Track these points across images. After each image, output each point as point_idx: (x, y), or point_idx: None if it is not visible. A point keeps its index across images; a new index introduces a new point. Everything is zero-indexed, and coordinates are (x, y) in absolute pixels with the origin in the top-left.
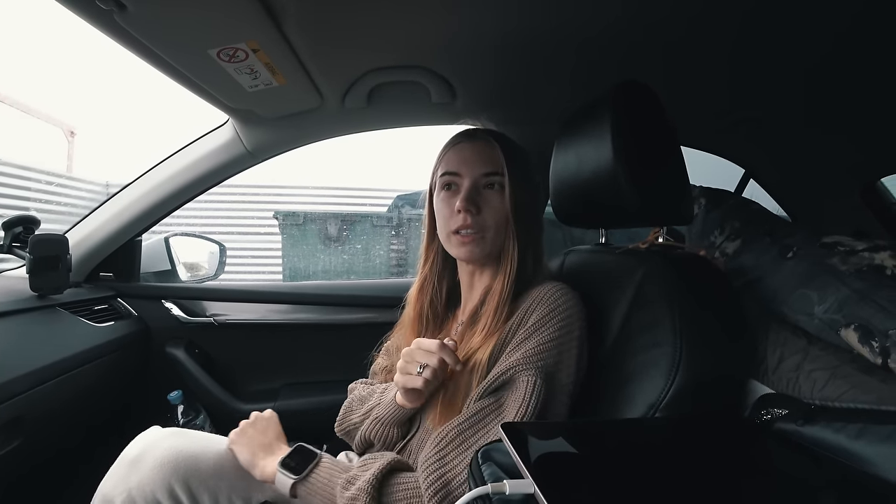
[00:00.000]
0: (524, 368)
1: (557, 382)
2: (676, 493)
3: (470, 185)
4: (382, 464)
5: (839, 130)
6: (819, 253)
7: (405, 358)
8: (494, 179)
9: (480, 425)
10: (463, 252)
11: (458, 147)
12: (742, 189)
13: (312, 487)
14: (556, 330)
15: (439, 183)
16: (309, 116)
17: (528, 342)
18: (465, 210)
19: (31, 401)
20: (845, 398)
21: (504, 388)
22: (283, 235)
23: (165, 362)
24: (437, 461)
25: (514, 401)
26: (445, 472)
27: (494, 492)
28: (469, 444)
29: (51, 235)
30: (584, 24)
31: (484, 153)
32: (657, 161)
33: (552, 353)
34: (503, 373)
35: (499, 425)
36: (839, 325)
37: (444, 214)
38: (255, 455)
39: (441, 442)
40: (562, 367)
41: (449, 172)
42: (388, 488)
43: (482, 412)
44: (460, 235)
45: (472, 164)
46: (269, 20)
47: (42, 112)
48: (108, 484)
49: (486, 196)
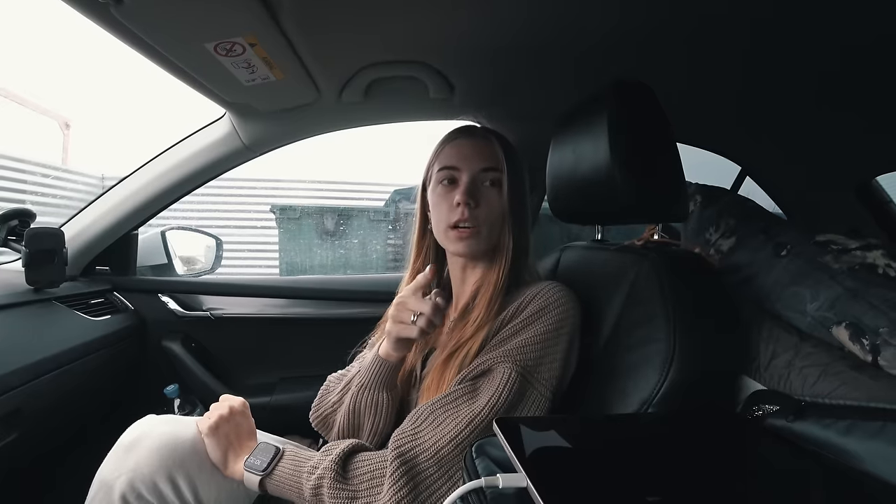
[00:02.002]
0: (503, 360)
1: (537, 378)
2: (668, 488)
3: (469, 180)
4: (345, 445)
5: (835, 128)
6: (812, 251)
7: (397, 307)
8: (493, 175)
9: (452, 406)
10: (461, 247)
11: (456, 143)
12: (738, 186)
13: (279, 480)
14: (544, 327)
15: (436, 177)
16: (306, 111)
17: (515, 337)
18: (464, 203)
19: (29, 394)
20: (835, 395)
21: (482, 375)
22: (279, 229)
23: (162, 356)
24: (411, 434)
25: (488, 389)
26: (415, 445)
27: (488, 485)
28: (439, 423)
29: (47, 229)
30: (582, 23)
31: (483, 149)
32: (653, 158)
33: (535, 350)
34: (484, 362)
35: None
36: (831, 323)
37: (442, 209)
38: (226, 456)
39: (417, 419)
40: (544, 364)
41: (447, 167)
42: (350, 465)
43: (456, 394)
44: (458, 230)
45: (470, 160)
46: (266, 14)
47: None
48: (105, 469)
49: (485, 191)
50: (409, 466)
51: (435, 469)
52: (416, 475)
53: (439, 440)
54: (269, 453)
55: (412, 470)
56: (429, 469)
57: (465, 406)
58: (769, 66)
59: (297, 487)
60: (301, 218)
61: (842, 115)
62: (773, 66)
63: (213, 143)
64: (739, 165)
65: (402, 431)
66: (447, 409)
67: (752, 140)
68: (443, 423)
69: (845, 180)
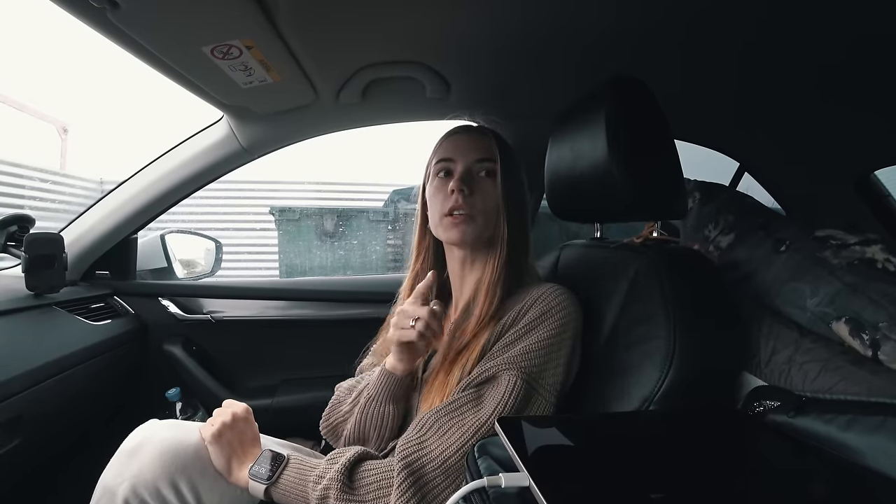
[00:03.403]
0: (508, 367)
1: (542, 385)
2: (670, 485)
3: (463, 169)
4: (351, 454)
5: (833, 123)
6: (812, 246)
7: (398, 316)
8: (488, 166)
9: (457, 413)
10: (454, 234)
11: (453, 137)
12: (736, 183)
13: (284, 488)
14: (547, 332)
15: (433, 171)
16: (304, 112)
17: (518, 342)
18: (458, 190)
19: (30, 400)
20: (836, 390)
21: (487, 382)
22: (279, 231)
23: (163, 360)
24: (417, 443)
25: (493, 397)
26: (422, 454)
27: (490, 485)
28: (444, 431)
29: (46, 234)
30: (579, 21)
31: (479, 142)
32: (651, 155)
33: (540, 356)
34: (488, 369)
35: (480, 413)
36: (831, 318)
37: (438, 199)
38: (230, 463)
39: (422, 427)
40: (548, 370)
41: (443, 159)
42: (357, 474)
43: (460, 401)
44: (452, 217)
45: (465, 151)
46: (262, 17)
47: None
48: (108, 474)
49: (480, 181)
50: (417, 476)
51: (442, 479)
52: (423, 485)
53: (446, 449)
54: (274, 461)
55: (420, 480)
56: (436, 479)
57: (470, 414)
58: (766, 61)
59: (303, 496)
60: (300, 219)
61: (840, 110)
62: (771, 61)
63: (212, 146)
64: (738, 162)
65: (408, 440)
66: (452, 416)
67: (750, 136)
68: (448, 432)
69: (844, 175)
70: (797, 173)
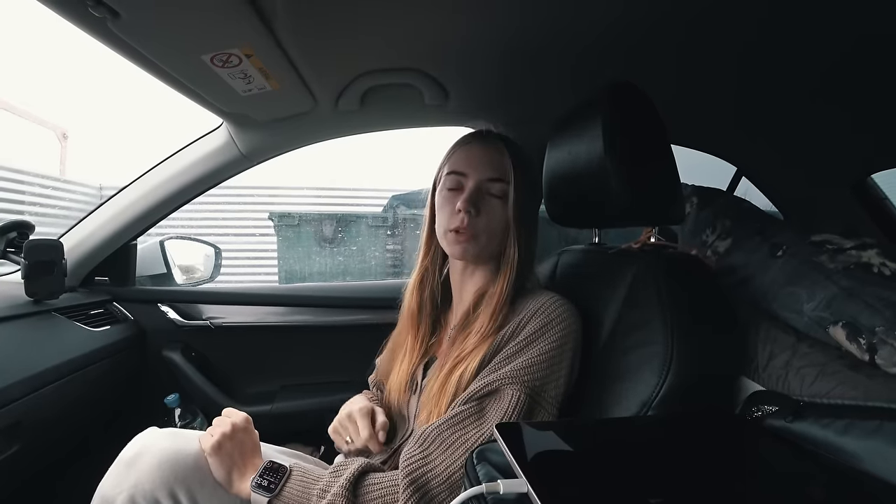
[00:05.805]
0: (510, 382)
1: (544, 397)
2: (669, 490)
3: (473, 187)
4: (355, 468)
5: (830, 127)
6: (808, 251)
7: (339, 420)
8: (499, 186)
9: (459, 427)
10: (457, 250)
11: (467, 147)
12: (734, 187)
13: (287, 501)
14: (548, 345)
15: (444, 181)
16: (303, 119)
17: (519, 355)
18: (464, 210)
19: (29, 406)
20: (833, 394)
21: (489, 396)
22: (278, 237)
23: (162, 366)
24: (421, 458)
25: (496, 411)
26: (427, 470)
27: (489, 491)
28: (447, 445)
29: (45, 240)
30: (576, 27)
31: (492, 158)
32: (648, 160)
33: (542, 369)
34: (490, 382)
35: (483, 428)
36: (827, 323)
37: (444, 212)
38: (231, 474)
39: (425, 441)
40: (550, 382)
41: (455, 172)
42: (361, 489)
43: (462, 415)
44: (456, 234)
45: (477, 167)
46: (261, 26)
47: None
48: (106, 484)
49: (488, 201)
50: (423, 493)
51: (447, 494)
52: (429, 501)
53: (451, 465)
54: (277, 473)
55: (426, 496)
56: (441, 494)
57: (472, 429)
58: (763, 66)
59: None
60: (299, 225)
61: (837, 114)
62: (768, 66)
63: (211, 153)
64: (735, 166)
65: (411, 454)
66: (455, 430)
67: (748, 140)
68: (452, 447)
69: (841, 178)
70: (795, 177)
